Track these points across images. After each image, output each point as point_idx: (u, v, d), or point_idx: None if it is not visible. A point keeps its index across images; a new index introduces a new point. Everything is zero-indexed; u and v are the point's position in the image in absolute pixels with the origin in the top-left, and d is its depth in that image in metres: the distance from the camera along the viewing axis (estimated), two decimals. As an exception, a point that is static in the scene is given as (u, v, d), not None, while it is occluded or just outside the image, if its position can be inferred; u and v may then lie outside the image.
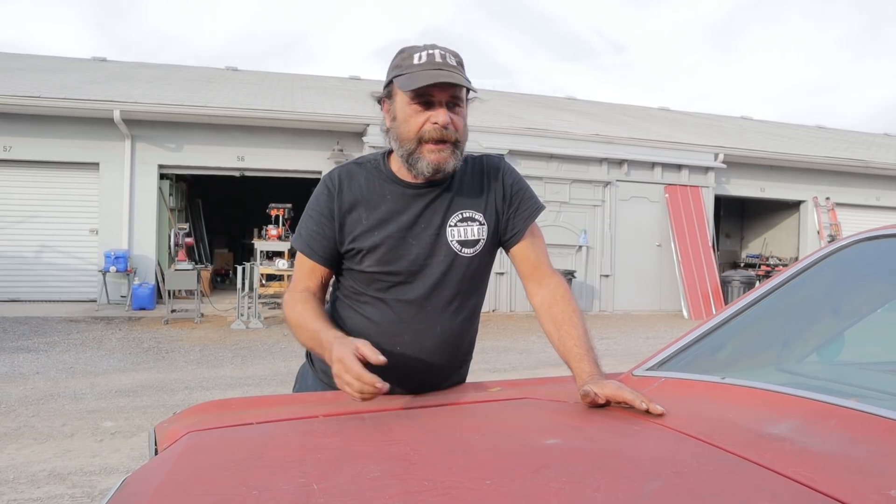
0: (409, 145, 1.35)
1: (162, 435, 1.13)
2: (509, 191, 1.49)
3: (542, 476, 0.83)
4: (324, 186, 1.45)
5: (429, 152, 1.34)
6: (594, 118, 15.10)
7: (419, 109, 1.33)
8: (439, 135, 1.32)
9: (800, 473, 0.79)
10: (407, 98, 1.33)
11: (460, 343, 1.50)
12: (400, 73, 1.34)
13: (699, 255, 11.93)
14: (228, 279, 13.76)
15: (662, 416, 1.08)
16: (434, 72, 1.30)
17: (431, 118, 1.32)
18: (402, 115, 1.35)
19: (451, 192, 1.44)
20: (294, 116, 10.72)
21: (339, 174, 1.45)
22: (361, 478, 0.83)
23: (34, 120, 9.96)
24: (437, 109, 1.32)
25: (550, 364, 6.45)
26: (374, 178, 1.44)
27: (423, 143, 1.34)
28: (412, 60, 1.33)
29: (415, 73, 1.31)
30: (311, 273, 1.45)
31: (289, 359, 6.72)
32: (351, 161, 1.51)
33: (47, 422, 4.27)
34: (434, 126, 1.32)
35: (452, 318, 1.45)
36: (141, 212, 10.51)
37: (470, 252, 1.44)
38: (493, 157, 1.54)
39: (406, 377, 1.42)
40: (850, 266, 1.47)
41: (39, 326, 8.22)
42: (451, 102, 1.34)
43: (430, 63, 1.31)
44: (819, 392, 1.07)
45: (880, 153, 15.65)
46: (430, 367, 1.45)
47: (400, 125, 1.36)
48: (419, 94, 1.31)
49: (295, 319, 1.40)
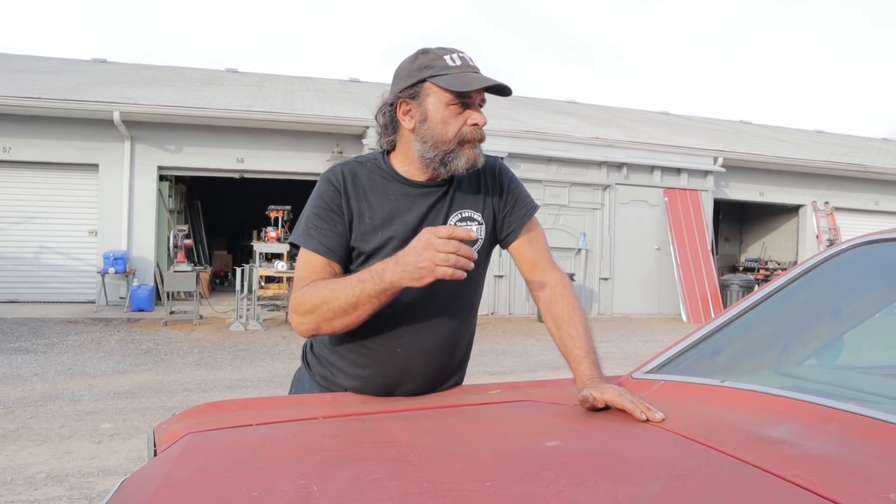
0: (447, 146, 1.35)
1: (161, 436, 1.13)
2: (506, 190, 1.50)
3: (542, 478, 0.83)
4: (328, 183, 1.41)
5: (469, 151, 1.36)
6: (593, 121, 15.12)
7: (458, 111, 1.34)
8: (480, 135, 1.37)
9: (799, 476, 0.79)
10: (446, 99, 1.33)
11: (459, 343, 1.50)
12: (436, 74, 1.33)
13: (698, 259, 11.94)
14: (227, 281, 13.75)
15: (662, 422, 1.08)
16: (476, 75, 1.33)
17: (470, 120, 1.35)
18: (438, 117, 1.34)
19: (451, 192, 1.44)
20: (294, 118, 10.72)
21: (343, 171, 1.43)
22: (361, 479, 0.83)
23: (34, 121, 9.96)
24: (474, 111, 1.35)
25: (549, 367, 6.45)
26: (376, 176, 1.43)
27: (463, 143, 1.35)
28: (445, 62, 1.33)
29: (457, 74, 1.32)
30: (323, 273, 1.36)
31: (287, 361, 6.71)
32: (351, 159, 1.49)
33: (45, 423, 4.27)
34: (474, 128, 1.35)
35: (451, 319, 1.45)
36: (140, 213, 10.51)
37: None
38: (489, 157, 1.55)
39: (406, 379, 1.42)
40: (848, 270, 1.47)
41: (38, 328, 8.21)
42: (481, 103, 1.38)
43: (466, 66, 1.34)
44: (818, 395, 1.07)
45: (879, 158, 15.67)
46: (430, 369, 1.44)
47: (436, 126, 1.35)
48: (461, 95, 1.32)
49: (320, 296, 1.29)
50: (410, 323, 1.41)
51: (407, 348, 1.41)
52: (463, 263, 1.14)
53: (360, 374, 1.43)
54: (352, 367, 1.45)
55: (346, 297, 1.26)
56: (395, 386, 1.43)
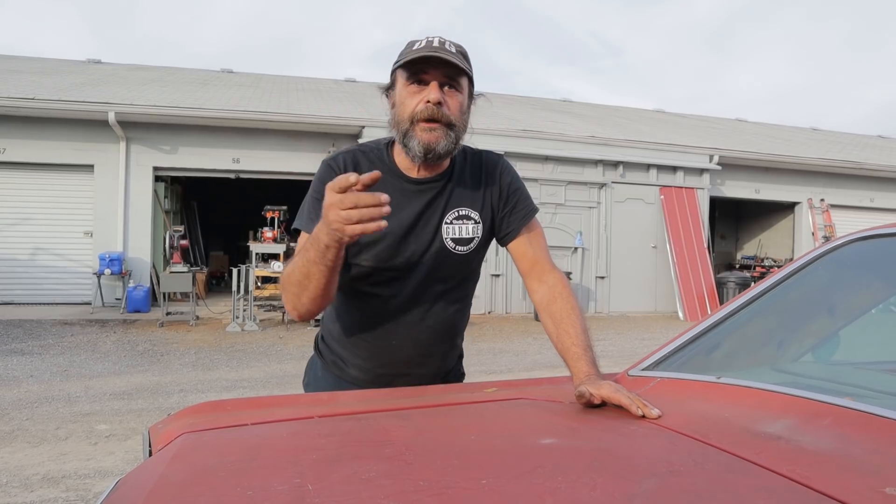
0: (403, 126, 1.35)
1: (156, 436, 1.12)
2: (506, 190, 1.49)
3: (538, 476, 0.83)
4: (329, 169, 1.42)
5: (421, 131, 1.33)
6: (590, 120, 15.14)
7: (414, 91, 1.33)
8: (430, 113, 1.31)
9: (795, 472, 0.79)
10: (403, 80, 1.34)
11: (454, 331, 1.54)
12: (398, 59, 1.36)
13: (694, 257, 11.96)
14: (224, 282, 13.73)
15: (659, 418, 1.08)
16: (428, 52, 1.31)
17: (425, 97, 1.32)
18: (399, 98, 1.36)
19: (449, 188, 1.44)
20: (289, 118, 10.71)
21: (345, 159, 1.43)
22: (356, 478, 0.83)
23: (28, 122, 9.93)
24: (432, 90, 1.32)
25: (546, 365, 6.45)
26: (376, 168, 1.41)
27: (416, 122, 1.33)
28: (411, 47, 1.35)
29: (412, 54, 1.32)
30: None
31: (284, 361, 6.70)
32: (354, 147, 1.48)
33: (41, 425, 4.25)
34: (426, 105, 1.32)
35: (444, 310, 1.47)
36: (136, 214, 10.49)
37: (464, 250, 1.45)
38: (492, 154, 1.55)
39: (403, 370, 1.46)
40: (844, 266, 1.48)
41: (33, 329, 8.19)
42: (447, 84, 1.34)
43: (427, 47, 1.32)
44: (814, 391, 1.08)
45: (874, 154, 15.73)
46: (425, 358, 1.49)
47: (398, 108, 1.36)
48: (413, 73, 1.32)
49: (286, 273, 1.29)
50: (403, 316, 1.43)
51: (401, 340, 1.44)
52: (368, 214, 1.05)
53: (363, 366, 1.49)
54: (354, 359, 1.50)
55: (299, 269, 1.24)
56: (396, 375, 1.47)
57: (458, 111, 1.35)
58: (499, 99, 17.06)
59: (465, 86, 1.38)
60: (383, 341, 1.44)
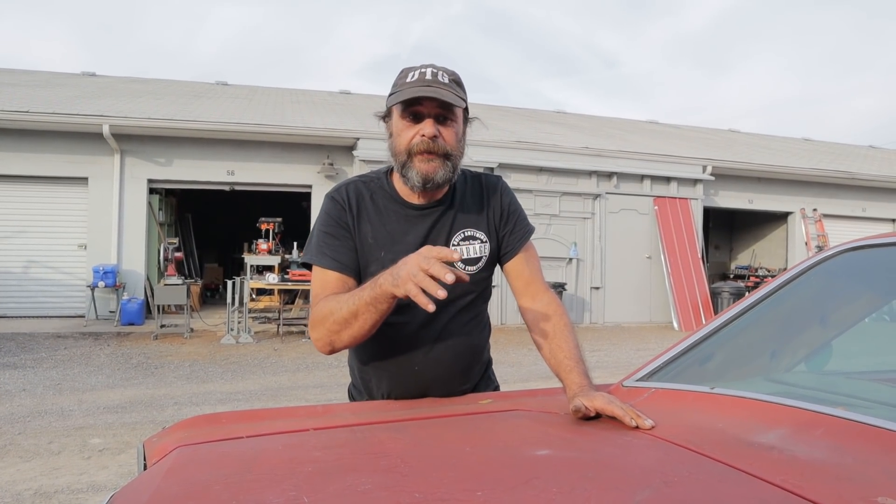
0: (401, 157, 1.39)
1: (151, 450, 1.12)
2: (506, 210, 1.54)
3: (533, 487, 0.83)
4: (334, 202, 1.46)
5: (419, 162, 1.37)
6: (584, 131, 15.21)
7: (409, 124, 1.38)
8: (426, 146, 1.36)
9: (788, 481, 0.79)
10: (399, 113, 1.38)
11: (474, 347, 1.55)
12: (394, 92, 1.39)
13: (689, 267, 11.99)
14: (218, 294, 13.68)
15: (652, 429, 1.08)
16: (421, 87, 1.34)
17: (420, 131, 1.36)
18: (395, 130, 1.41)
19: (453, 211, 1.48)
20: (284, 130, 10.72)
21: (347, 190, 1.48)
22: (352, 490, 0.83)
23: (23, 135, 9.91)
24: (426, 124, 1.36)
25: (541, 377, 6.44)
26: (379, 197, 1.47)
27: (413, 154, 1.37)
28: (405, 79, 1.38)
29: (405, 89, 1.36)
30: (337, 288, 1.39)
31: (279, 373, 6.68)
32: (355, 178, 1.53)
33: (34, 439, 4.22)
34: (422, 138, 1.36)
35: (461, 329, 1.49)
36: (130, 227, 10.45)
37: (473, 269, 1.48)
38: (491, 176, 1.59)
39: (431, 390, 1.48)
40: (836, 276, 1.49)
41: (26, 343, 8.14)
42: (442, 116, 1.37)
43: (421, 80, 1.35)
44: (807, 401, 1.08)
45: (866, 165, 15.84)
46: (451, 377, 1.50)
47: (394, 139, 1.41)
48: (408, 108, 1.36)
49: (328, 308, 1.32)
50: (419, 341, 1.45)
51: (422, 365, 1.46)
52: (428, 284, 1.10)
53: (395, 392, 1.51)
54: (378, 385, 1.53)
55: (347, 307, 1.29)
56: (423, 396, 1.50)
57: (453, 141, 1.39)
58: (493, 110, 17.13)
59: (460, 114, 1.42)
60: (405, 368, 1.47)
